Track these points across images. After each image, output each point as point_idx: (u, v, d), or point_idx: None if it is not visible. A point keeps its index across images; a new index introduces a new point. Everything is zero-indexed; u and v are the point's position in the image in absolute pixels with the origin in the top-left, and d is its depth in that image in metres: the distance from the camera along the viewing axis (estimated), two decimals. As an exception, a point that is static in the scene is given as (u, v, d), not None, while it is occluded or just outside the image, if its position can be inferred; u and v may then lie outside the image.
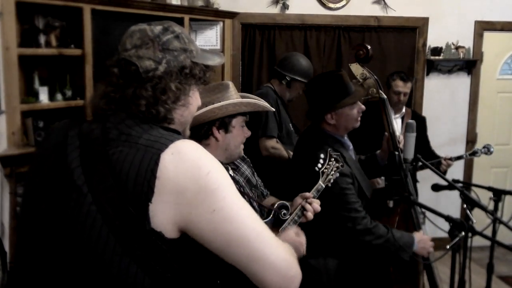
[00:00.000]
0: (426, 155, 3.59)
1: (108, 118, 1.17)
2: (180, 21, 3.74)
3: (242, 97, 2.03)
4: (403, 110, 3.96)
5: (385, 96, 2.64)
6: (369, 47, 2.63)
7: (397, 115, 3.93)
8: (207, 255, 1.16)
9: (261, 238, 1.11)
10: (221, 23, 4.16)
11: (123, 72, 1.19)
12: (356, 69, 2.66)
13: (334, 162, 2.07)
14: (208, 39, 4.18)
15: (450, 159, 3.59)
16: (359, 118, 2.42)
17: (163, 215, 1.06)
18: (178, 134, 1.18)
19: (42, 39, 2.97)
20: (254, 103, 1.92)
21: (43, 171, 1.19)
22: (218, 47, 4.17)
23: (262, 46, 4.57)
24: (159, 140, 1.10)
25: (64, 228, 1.10)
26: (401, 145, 2.47)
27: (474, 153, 3.64)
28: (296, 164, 2.46)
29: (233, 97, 1.92)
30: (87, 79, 3.13)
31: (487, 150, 3.61)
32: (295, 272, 1.14)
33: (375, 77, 2.64)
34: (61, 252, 1.11)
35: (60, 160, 1.15)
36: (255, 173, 2.21)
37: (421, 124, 3.97)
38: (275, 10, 4.55)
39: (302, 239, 1.74)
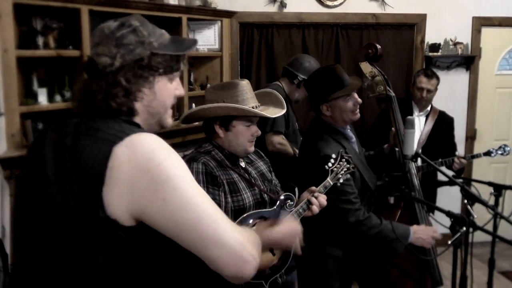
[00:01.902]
0: (450, 155, 3.59)
1: (78, 115, 1.25)
2: (178, 21, 3.74)
3: (260, 94, 2.15)
4: (428, 108, 3.94)
5: (393, 94, 2.67)
6: (378, 46, 2.69)
7: (421, 113, 3.92)
8: (163, 242, 1.22)
9: (214, 223, 1.14)
10: (219, 23, 4.16)
11: (87, 70, 1.27)
12: (365, 67, 2.75)
13: (345, 163, 2.16)
14: (206, 38, 4.18)
15: (464, 157, 3.57)
16: (356, 111, 2.46)
17: (117, 204, 1.12)
18: (138, 128, 1.24)
19: (40, 40, 2.97)
20: (242, 109, 1.97)
21: (26, 166, 1.28)
22: (216, 46, 4.18)
23: (260, 45, 4.58)
24: (117, 134, 1.16)
25: (39, 218, 1.19)
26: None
27: (489, 153, 3.63)
28: (304, 158, 2.50)
29: (242, 96, 1.99)
30: (85, 80, 3.12)
31: (503, 150, 3.61)
32: (250, 255, 1.16)
33: (384, 75, 2.68)
34: (38, 243, 1.20)
35: (38, 154, 1.23)
36: (273, 172, 2.28)
37: (448, 124, 3.99)
38: (273, 8, 4.55)
39: (299, 229, 1.79)
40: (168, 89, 1.34)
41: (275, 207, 1.98)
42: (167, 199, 1.12)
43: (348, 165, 2.17)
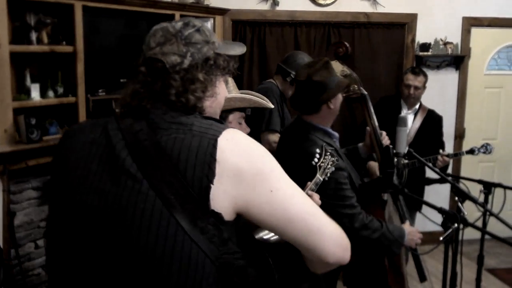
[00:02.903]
0: (436, 153, 3.63)
1: (148, 111, 1.19)
2: (171, 18, 3.74)
3: (242, 94, 2.06)
4: (417, 106, 3.99)
5: (366, 92, 2.68)
6: (347, 44, 2.68)
7: (410, 111, 3.97)
8: (252, 240, 1.24)
9: (315, 213, 1.18)
10: (212, 20, 4.17)
11: (150, 69, 1.22)
12: (336, 66, 2.70)
13: (330, 156, 2.11)
14: (199, 35, 4.18)
15: (448, 155, 3.62)
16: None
17: (223, 198, 1.10)
18: (221, 123, 1.22)
19: (33, 36, 2.96)
20: (250, 99, 1.95)
21: (86, 165, 1.18)
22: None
23: (253, 43, 4.59)
24: (212, 127, 1.15)
25: (119, 217, 1.11)
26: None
27: (471, 151, 3.67)
28: (289, 158, 2.46)
29: (232, 92, 1.94)
30: (78, 76, 3.13)
31: (486, 149, 3.65)
32: (347, 242, 1.22)
33: (355, 74, 2.69)
34: (114, 241, 1.11)
35: (107, 151, 1.17)
36: None
37: (437, 123, 4.03)
38: (266, 6, 4.57)
39: None
40: (224, 90, 1.34)
41: None
42: (273, 191, 1.13)
43: (333, 158, 2.14)
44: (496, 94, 5.19)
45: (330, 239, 1.17)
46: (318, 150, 2.09)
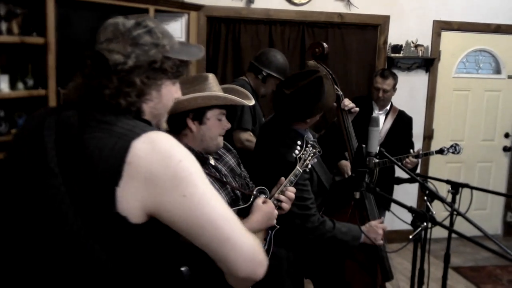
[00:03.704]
0: (406, 153, 3.69)
1: (84, 107, 1.20)
2: (144, 12, 3.69)
3: (226, 89, 2.06)
4: (388, 107, 4.07)
5: (341, 93, 2.72)
6: (325, 45, 2.70)
7: (381, 112, 4.05)
8: (173, 242, 1.22)
9: (230, 223, 1.16)
10: (186, 16, 4.13)
11: (95, 64, 1.22)
12: (314, 66, 2.73)
13: (311, 148, 2.15)
14: (173, 31, 4.11)
15: (418, 155, 3.67)
16: None
17: (131, 200, 1.10)
18: (151, 126, 1.23)
19: (3, 26, 2.89)
20: (225, 97, 1.93)
21: (20, 155, 1.22)
22: (183, 39, 4.15)
23: (227, 40, 4.58)
24: (133, 129, 1.14)
25: (36, 209, 1.15)
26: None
27: (441, 151, 3.75)
28: (264, 156, 2.48)
29: (212, 89, 1.93)
30: (49, 68, 3.06)
31: (454, 149, 3.73)
32: (262, 258, 1.19)
33: (332, 74, 2.72)
34: (32, 232, 1.16)
35: (37, 143, 1.18)
36: (241, 164, 2.23)
37: (406, 124, 4.11)
38: (241, 4, 4.56)
39: (271, 208, 1.83)
40: (171, 93, 1.33)
41: (250, 202, 1.93)
42: (187, 196, 1.12)
43: (314, 150, 2.17)
44: (464, 96, 5.31)
45: (241, 251, 1.14)
46: (299, 142, 2.13)
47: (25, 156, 1.20)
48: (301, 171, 2.11)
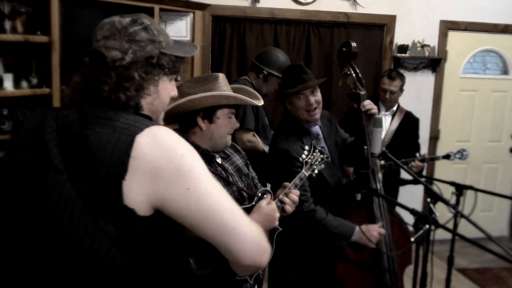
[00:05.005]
0: (412, 155, 3.66)
1: (84, 104, 1.22)
2: (150, 11, 3.69)
3: (235, 89, 2.09)
4: (395, 108, 4.03)
5: (363, 92, 2.70)
6: (353, 44, 2.71)
7: (388, 112, 4.02)
8: (179, 234, 1.25)
9: (233, 213, 1.20)
10: (192, 14, 4.13)
11: (93, 62, 1.26)
12: (341, 65, 2.76)
13: (319, 153, 2.17)
14: (178, 30, 4.14)
15: (424, 159, 3.64)
16: (311, 112, 2.51)
17: (137, 194, 1.12)
18: (151, 120, 1.26)
19: (7, 24, 2.89)
20: (235, 97, 1.95)
21: (20, 154, 1.22)
22: (188, 38, 4.15)
23: (232, 39, 4.57)
24: (135, 124, 1.17)
25: (41, 206, 1.16)
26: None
27: (447, 157, 3.72)
28: (271, 156, 2.54)
29: (222, 88, 1.95)
30: (53, 67, 3.06)
31: (461, 155, 3.70)
32: (266, 245, 1.22)
33: (357, 73, 2.71)
34: (37, 229, 1.17)
35: (38, 142, 1.20)
36: (250, 165, 2.25)
37: (413, 125, 4.08)
38: (246, 3, 4.55)
39: (272, 209, 1.83)
40: (168, 89, 1.35)
41: (253, 203, 1.94)
42: (190, 188, 1.14)
43: (322, 155, 2.20)
44: (470, 97, 5.27)
45: (246, 240, 1.18)
46: (307, 147, 2.18)
47: (26, 155, 1.20)
48: (307, 175, 2.13)
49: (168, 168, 1.13)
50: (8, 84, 2.91)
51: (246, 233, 1.18)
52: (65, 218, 1.13)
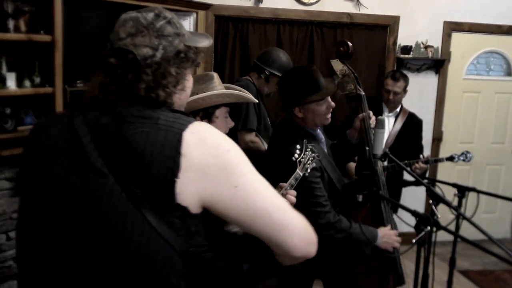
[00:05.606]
0: (416, 157, 3.64)
1: (115, 104, 1.18)
2: (153, 11, 3.69)
3: (226, 88, 2.09)
4: (398, 109, 4.02)
5: (363, 93, 2.69)
6: (350, 44, 2.68)
7: (391, 114, 4.00)
8: (221, 230, 1.25)
9: (281, 208, 1.18)
10: (195, 14, 4.13)
11: (120, 61, 1.20)
12: (337, 65, 2.74)
13: (310, 152, 2.15)
14: (181, 30, 4.14)
15: (428, 161, 3.62)
16: (328, 115, 2.47)
17: (189, 191, 1.10)
18: (189, 117, 1.22)
19: (10, 24, 2.90)
20: (238, 95, 1.98)
21: (59, 161, 1.16)
22: (191, 38, 4.14)
23: (235, 39, 4.57)
24: (177, 121, 1.15)
25: (85, 211, 1.11)
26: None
27: (451, 159, 3.71)
28: (272, 156, 2.50)
29: (217, 88, 1.97)
30: (56, 66, 3.07)
31: (465, 157, 3.69)
32: (313, 236, 1.22)
33: (355, 74, 2.70)
34: (82, 234, 1.12)
35: (74, 147, 1.15)
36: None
37: (417, 126, 4.06)
38: (249, 3, 4.55)
39: None
40: (190, 82, 1.33)
41: None
42: (238, 186, 1.13)
43: (313, 154, 2.18)
44: (474, 98, 5.26)
45: (296, 233, 1.17)
46: (298, 146, 2.14)
47: (66, 162, 1.15)
48: (301, 174, 2.11)
49: (214, 165, 1.11)
50: (11, 83, 2.92)
51: (295, 227, 1.18)
52: (119, 222, 1.09)
